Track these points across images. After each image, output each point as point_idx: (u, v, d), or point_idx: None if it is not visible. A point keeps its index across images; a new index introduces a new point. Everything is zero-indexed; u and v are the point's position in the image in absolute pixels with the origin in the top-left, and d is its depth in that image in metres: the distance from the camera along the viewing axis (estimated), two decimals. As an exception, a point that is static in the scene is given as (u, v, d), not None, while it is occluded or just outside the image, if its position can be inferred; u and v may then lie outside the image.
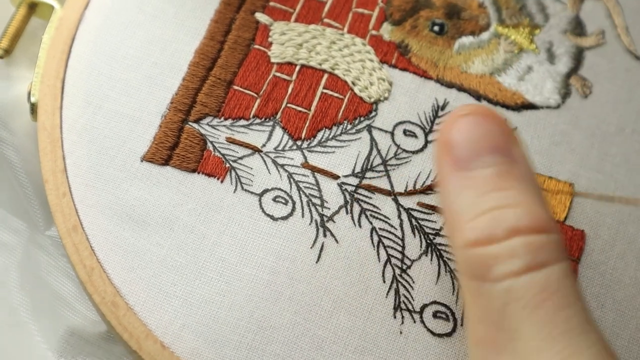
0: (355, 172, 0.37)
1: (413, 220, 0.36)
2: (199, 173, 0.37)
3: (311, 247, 0.35)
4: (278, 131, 0.38)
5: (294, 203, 0.36)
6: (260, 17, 0.40)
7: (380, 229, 0.36)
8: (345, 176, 0.37)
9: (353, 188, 0.37)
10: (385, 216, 0.36)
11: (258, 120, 0.38)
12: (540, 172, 0.38)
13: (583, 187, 0.38)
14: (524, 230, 0.29)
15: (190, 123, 0.37)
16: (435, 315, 0.35)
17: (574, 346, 0.27)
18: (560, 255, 0.29)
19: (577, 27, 0.42)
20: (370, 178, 0.37)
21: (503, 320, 0.28)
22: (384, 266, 0.35)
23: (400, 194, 0.37)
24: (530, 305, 0.28)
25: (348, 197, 0.36)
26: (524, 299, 0.28)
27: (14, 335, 0.37)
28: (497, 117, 0.31)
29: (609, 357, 0.27)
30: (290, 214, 0.36)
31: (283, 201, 0.36)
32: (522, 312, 0.28)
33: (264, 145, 0.37)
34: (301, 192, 0.36)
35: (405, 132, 0.38)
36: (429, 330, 0.34)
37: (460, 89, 0.39)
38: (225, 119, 0.38)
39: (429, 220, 0.36)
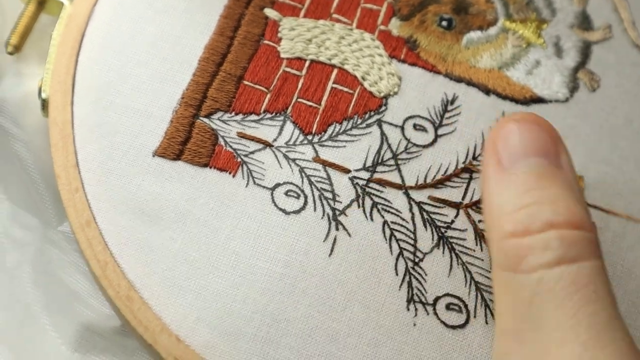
0: (366, 166, 0.37)
1: (424, 214, 0.36)
2: (210, 168, 0.37)
3: (324, 241, 0.35)
4: (289, 126, 0.38)
5: (305, 197, 0.36)
6: (269, 12, 0.40)
7: (392, 222, 0.36)
8: (357, 170, 0.37)
9: (364, 182, 0.37)
10: (396, 210, 0.36)
11: (269, 115, 0.38)
12: (550, 165, 0.38)
13: (592, 180, 0.38)
14: (560, 225, 0.29)
15: (201, 118, 0.38)
16: (448, 307, 0.35)
17: (597, 339, 0.27)
18: (594, 254, 0.29)
19: (584, 22, 0.42)
20: (381, 172, 0.37)
21: (530, 310, 0.29)
22: (397, 259, 0.35)
23: (411, 187, 0.37)
24: (558, 297, 0.28)
25: (359, 191, 0.37)
26: (553, 290, 0.28)
27: (28, 330, 0.37)
28: (547, 125, 0.32)
29: (634, 356, 0.27)
30: (303, 208, 0.36)
31: (295, 195, 0.36)
32: (550, 303, 0.28)
33: (275, 140, 0.37)
34: (313, 186, 0.36)
35: (415, 126, 0.38)
36: (442, 322, 0.35)
37: (469, 83, 0.40)
38: (236, 114, 0.38)
39: (440, 214, 0.36)
